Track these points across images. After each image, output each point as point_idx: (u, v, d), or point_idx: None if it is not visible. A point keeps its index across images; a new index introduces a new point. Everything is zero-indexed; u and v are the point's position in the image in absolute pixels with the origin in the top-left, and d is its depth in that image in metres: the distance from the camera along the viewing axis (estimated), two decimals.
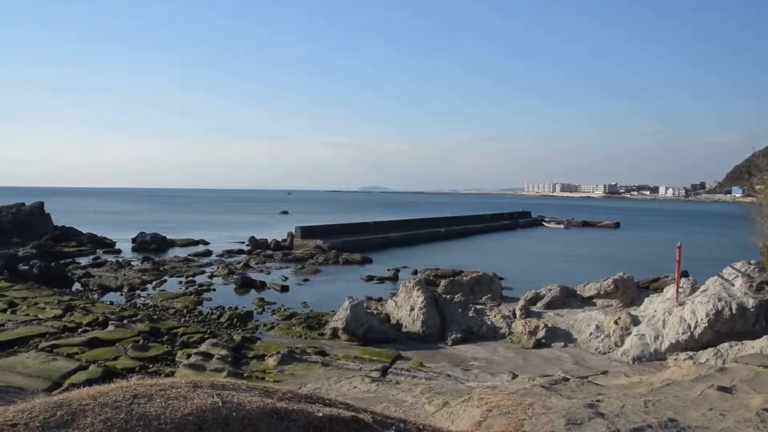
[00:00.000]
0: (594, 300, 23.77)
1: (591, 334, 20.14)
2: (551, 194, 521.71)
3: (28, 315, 23.97)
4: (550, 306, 23.59)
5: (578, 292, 24.51)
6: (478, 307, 23.82)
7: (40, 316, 23.68)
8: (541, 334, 20.73)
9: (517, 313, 22.53)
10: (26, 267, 34.57)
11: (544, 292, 24.50)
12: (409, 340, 21.72)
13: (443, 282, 27.68)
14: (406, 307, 23.17)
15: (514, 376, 14.94)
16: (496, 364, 18.14)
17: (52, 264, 35.89)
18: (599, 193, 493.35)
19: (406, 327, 22.60)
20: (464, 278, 28.13)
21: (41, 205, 60.55)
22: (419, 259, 47.76)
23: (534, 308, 23.45)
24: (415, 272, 40.01)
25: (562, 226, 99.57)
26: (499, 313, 22.96)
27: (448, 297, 24.22)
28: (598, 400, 8.59)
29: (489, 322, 22.29)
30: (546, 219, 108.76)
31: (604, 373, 15.80)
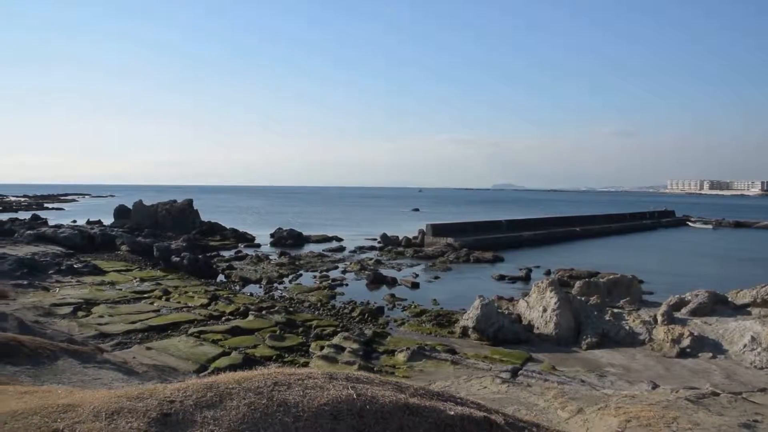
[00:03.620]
0: (749, 308, 21.81)
1: (745, 345, 18.45)
2: (698, 192, 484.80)
3: (179, 302, 26.13)
4: (696, 313, 21.95)
5: (730, 299, 22.60)
6: (616, 310, 22.67)
7: (189, 304, 25.71)
8: (685, 342, 19.31)
9: (659, 318, 21.15)
10: (178, 259, 37.65)
11: (689, 297, 22.84)
12: (541, 342, 21.11)
13: (578, 283, 26.67)
14: (539, 308, 22.55)
15: (655, 386, 14.08)
16: (635, 372, 17.17)
17: (200, 256, 38.79)
18: (755, 190, 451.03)
19: (537, 328, 22.01)
20: (601, 280, 26.92)
21: (191, 202, 65.70)
22: (552, 259, 46.29)
23: (678, 314, 21.92)
24: (549, 272, 38.83)
25: (710, 226, 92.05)
26: (639, 317, 21.69)
27: (583, 299, 23.28)
28: (756, 420, 7.87)
29: (627, 327, 21.12)
30: (691, 219, 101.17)
31: (762, 390, 14.42)
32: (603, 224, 79.12)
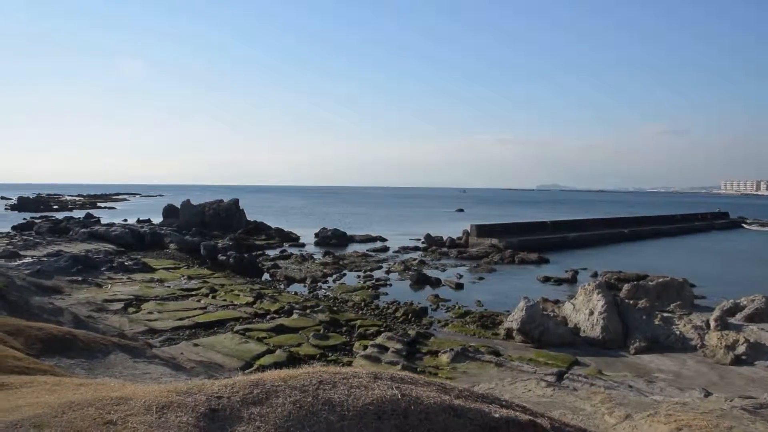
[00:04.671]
0: None
1: None
2: (754, 193, 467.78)
3: (225, 300, 26.59)
4: (752, 318, 21.17)
5: None
6: (665, 314, 22.06)
7: (235, 302, 26.14)
8: (740, 349, 18.64)
9: (712, 324, 20.47)
10: (224, 257, 38.38)
11: (745, 302, 22.06)
12: (587, 346, 20.72)
13: (626, 286, 26.10)
14: (585, 311, 22.13)
15: (708, 394, 13.64)
16: (686, 379, 16.67)
17: (246, 255, 39.45)
18: None
19: (584, 331, 21.60)
20: (650, 283, 26.27)
21: (237, 201, 66.86)
22: (599, 261, 45.40)
23: (732, 320, 21.18)
24: (595, 274, 38.12)
25: (767, 229, 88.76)
26: (690, 322, 21.05)
27: (631, 302, 22.74)
28: None
29: (677, 332, 20.52)
30: (747, 221, 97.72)
31: None
32: (652, 226, 77.14)
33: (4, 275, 21.65)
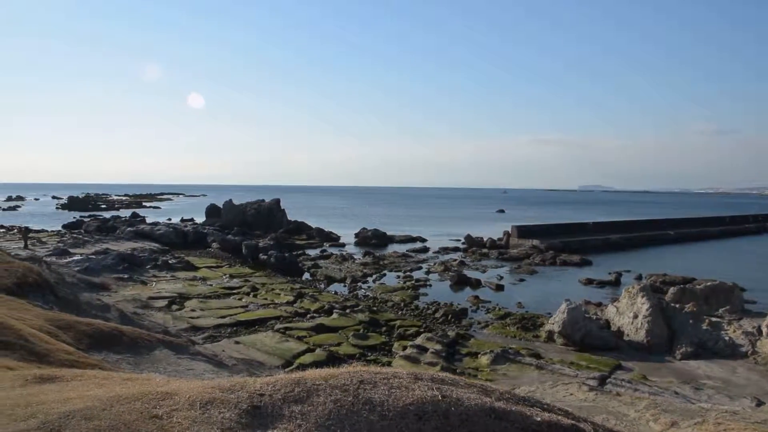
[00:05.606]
0: None
1: None
2: None
3: (266, 299, 26.89)
4: None
5: None
6: (714, 319, 21.44)
7: (276, 301, 26.43)
8: None
9: (764, 330, 19.78)
10: (265, 256, 38.87)
11: None
12: (631, 350, 20.27)
13: (672, 289, 25.45)
14: (629, 314, 21.67)
15: (760, 403, 13.22)
16: (735, 387, 16.13)
17: (286, 255, 39.86)
18: None
19: (627, 335, 21.15)
20: (697, 287, 25.56)
21: (278, 201, 67.59)
22: (644, 264, 44.38)
23: None
24: (640, 277, 37.29)
25: None
26: (740, 328, 20.40)
27: (677, 306, 22.17)
28: None
29: (726, 338, 19.91)
30: None
31: None
32: (699, 227, 74.99)
33: (55, 272, 22.36)
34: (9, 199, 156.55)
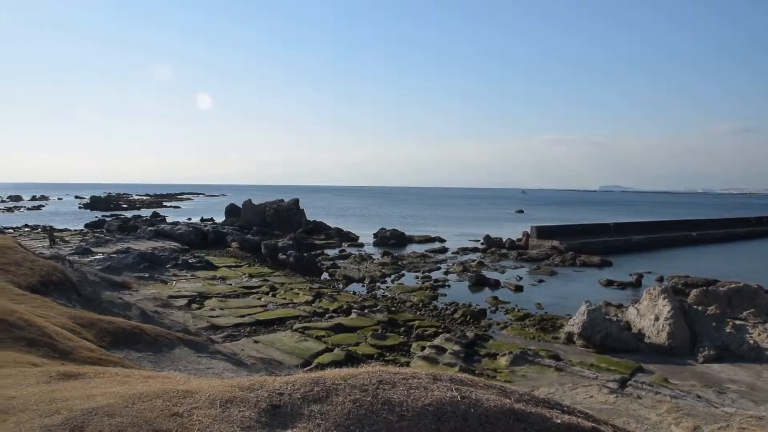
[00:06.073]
0: None
1: None
2: None
3: (285, 299, 27.01)
4: None
5: None
6: (738, 322, 21.09)
7: (295, 301, 26.53)
8: None
9: None
10: (284, 256, 39.05)
11: None
12: (652, 352, 20.03)
13: (694, 291, 25.06)
14: (650, 316, 21.42)
15: None
16: (761, 391, 15.86)
17: (305, 255, 39.99)
18: None
19: (648, 337, 20.91)
20: (720, 289, 25.14)
21: (297, 201, 67.86)
22: (665, 265, 43.85)
23: None
24: (661, 279, 36.86)
25: None
26: (765, 331, 20.05)
27: (699, 308, 21.87)
28: None
29: (751, 341, 19.58)
30: None
31: None
32: (723, 228, 73.81)
33: (78, 271, 22.66)
34: (33, 198, 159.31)
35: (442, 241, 59.42)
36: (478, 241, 57.52)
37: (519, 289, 33.48)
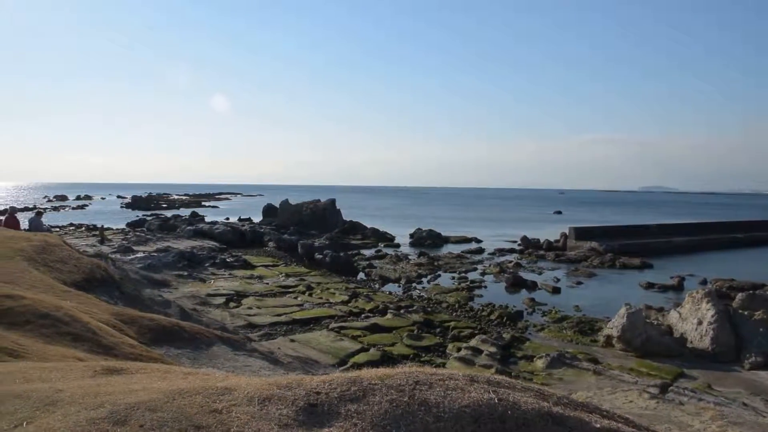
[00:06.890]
0: None
1: None
2: None
3: (321, 298, 27.17)
4: None
5: None
6: None
7: (331, 300, 26.67)
8: None
9: None
10: (321, 256, 39.32)
11: None
12: (694, 358, 19.53)
13: (740, 295, 24.39)
14: (693, 320, 20.90)
15: None
16: None
17: (342, 254, 40.21)
18: None
19: (691, 342, 20.41)
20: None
21: (333, 201, 68.21)
22: (709, 268, 42.70)
23: None
24: (704, 282, 35.94)
25: None
26: None
27: (746, 313, 21.26)
28: None
29: None
30: None
31: None
32: None
33: (120, 268, 23.19)
34: (78, 198, 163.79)
35: (479, 241, 58.99)
36: (515, 242, 56.95)
37: (556, 290, 33.06)
